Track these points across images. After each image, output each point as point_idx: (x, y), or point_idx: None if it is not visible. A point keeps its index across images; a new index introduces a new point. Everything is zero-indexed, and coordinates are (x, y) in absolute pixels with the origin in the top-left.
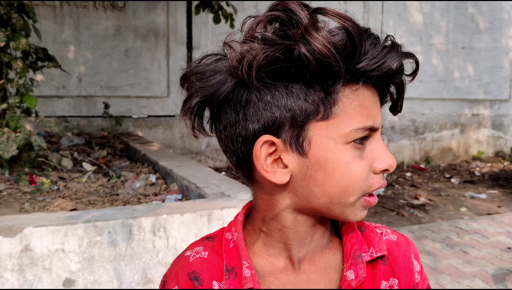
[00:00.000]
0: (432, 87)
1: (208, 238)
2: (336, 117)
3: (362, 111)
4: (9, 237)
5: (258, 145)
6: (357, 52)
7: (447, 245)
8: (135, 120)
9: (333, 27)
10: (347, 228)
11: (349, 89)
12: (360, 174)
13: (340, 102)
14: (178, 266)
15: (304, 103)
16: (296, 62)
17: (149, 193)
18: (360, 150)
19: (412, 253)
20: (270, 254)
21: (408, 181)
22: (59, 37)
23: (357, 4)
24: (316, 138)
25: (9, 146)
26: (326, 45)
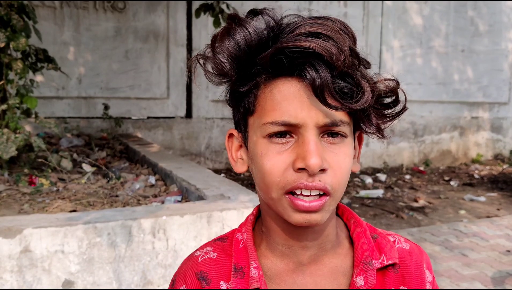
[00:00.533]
0: (431, 89)
1: (220, 239)
2: (257, 111)
3: (275, 106)
4: (9, 238)
5: (226, 137)
6: (246, 51)
7: (446, 248)
8: (134, 122)
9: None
10: (359, 234)
11: (264, 84)
12: (270, 169)
13: (259, 97)
14: (187, 266)
15: (244, 100)
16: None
17: (149, 195)
18: (281, 145)
19: (424, 263)
20: (276, 255)
21: (407, 183)
22: (59, 38)
23: (357, 7)
24: (249, 132)
25: (9, 147)
26: (217, 51)
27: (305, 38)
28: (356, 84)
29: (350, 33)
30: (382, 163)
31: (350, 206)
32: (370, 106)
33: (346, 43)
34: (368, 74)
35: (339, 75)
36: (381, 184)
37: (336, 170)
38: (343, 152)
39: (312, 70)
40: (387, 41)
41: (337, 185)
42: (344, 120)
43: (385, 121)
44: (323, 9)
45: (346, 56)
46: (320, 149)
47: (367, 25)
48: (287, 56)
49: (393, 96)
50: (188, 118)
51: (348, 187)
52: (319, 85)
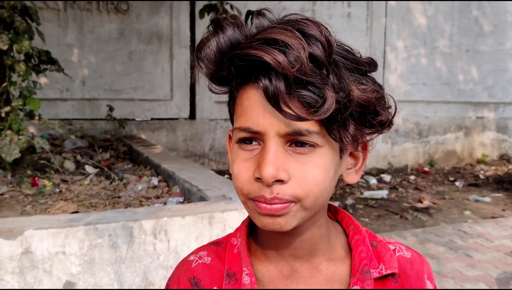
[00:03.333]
0: (436, 90)
1: (215, 243)
2: (234, 116)
3: (243, 111)
4: (10, 239)
5: (227, 138)
6: (214, 57)
7: (450, 249)
8: (138, 123)
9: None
10: (357, 241)
11: (236, 90)
12: (237, 175)
13: (235, 102)
14: (180, 270)
15: (229, 105)
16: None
17: (151, 196)
18: (249, 151)
19: (425, 273)
20: (270, 261)
21: (412, 184)
22: (63, 40)
23: (361, 7)
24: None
25: (12, 149)
26: (199, 56)
27: (256, 46)
28: (319, 92)
29: (324, 37)
30: (387, 163)
31: (354, 207)
32: (345, 116)
33: (305, 50)
34: (349, 80)
35: (301, 83)
36: (385, 185)
37: (300, 180)
38: (312, 162)
39: (265, 78)
40: (391, 42)
41: (303, 194)
42: (312, 129)
43: (367, 133)
44: (327, 9)
45: (303, 64)
46: (280, 159)
47: (371, 25)
48: (243, 64)
49: (371, 107)
50: (192, 119)
51: (353, 188)
52: (272, 94)
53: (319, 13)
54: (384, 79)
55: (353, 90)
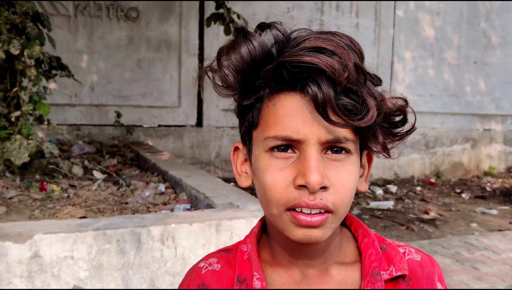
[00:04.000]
0: (443, 101)
1: (225, 250)
2: (260, 125)
3: (277, 120)
4: (19, 243)
5: (232, 150)
6: (249, 66)
7: (457, 261)
8: (145, 130)
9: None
10: (367, 244)
11: (268, 99)
12: (271, 185)
13: (263, 111)
14: (191, 277)
15: (249, 113)
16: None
17: (158, 202)
18: (283, 159)
19: (436, 275)
20: (281, 267)
21: (418, 195)
22: (72, 46)
23: (369, 18)
24: (253, 145)
25: (21, 153)
26: (223, 64)
27: (307, 53)
28: (361, 101)
29: (357, 49)
30: (393, 174)
31: (360, 217)
32: (376, 124)
33: (351, 59)
34: (376, 91)
35: (343, 92)
36: (391, 196)
37: (338, 188)
38: (346, 170)
39: (314, 85)
40: (398, 52)
41: (340, 203)
42: (349, 137)
43: (392, 140)
44: (335, 19)
45: (350, 72)
46: (321, 166)
47: (378, 36)
48: (290, 71)
49: (401, 115)
50: (199, 126)
51: (358, 198)
52: (321, 101)
53: (327, 23)
54: (391, 90)
55: (385, 100)
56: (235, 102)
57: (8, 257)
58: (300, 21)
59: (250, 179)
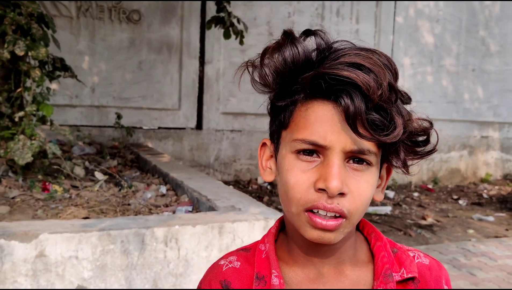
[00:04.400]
0: (441, 108)
1: (243, 249)
2: (290, 127)
3: (307, 125)
4: (25, 242)
5: (259, 146)
6: (290, 71)
7: (454, 267)
8: (145, 131)
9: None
10: (379, 247)
11: (301, 103)
12: (294, 184)
13: (295, 114)
14: (212, 274)
15: (281, 113)
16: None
17: (160, 204)
18: (307, 163)
19: (443, 279)
20: (298, 265)
21: (416, 201)
22: (74, 47)
23: (369, 24)
24: (281, 144)
25: (25, 153)
26: (264, 63)
27: (346, 68)
28: (389, 118)
29: (393, 68)
30: (391, 180)
31: None
32: (400, 141)
33: (386, 78)
34: (405, 110)
35: (374, 107)
36: (389, 201)
37: (355, 196)
38: (365, 180)
39: (347, 98)
40: (398, 59)
41: (355, 210)
42: (372, 150)
43: (413, 158)
44: (335, 25)
45: (383, 90)
46: (342, 173)
47: (378, 42)
48: (327, 82)
49: (424, 136)
50: (199, 129)
51: None
52: (352, 113)
53: (327, 29)
54: None
55: (412, 119)
56: (269, 100)
57: (13, 256)
58: (301, 26)
59: (274, 175)
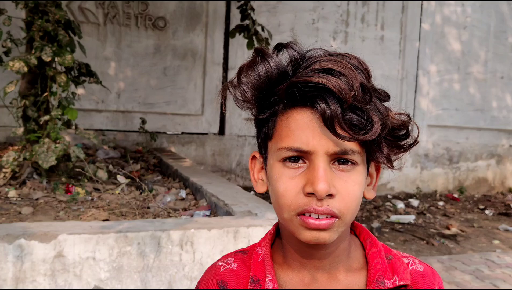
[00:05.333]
0: (468, 116)
1: (241, 251)
2: (274, 137)
3: (289, 133)
4: (44, 242)
5: (249, 159)
6: (265, 83)
7: (477, 278)
8: (169, 136)
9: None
10: (374, 254)
11: (282, 113)
12: (283, 192)
13: (277, 124)
14: (209, 274)
15: (265, 125)
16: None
17: (179, 208)
18: (294, 169)
19: (436, 285)
20: (292, 270)
21: (440, 210)
22: (101, 53)
23: (394, 31)
24: (268, 155)
25: (49, 156)
26: (242, 81)
27: (317, 74)
28: (367, 117)
29: (365, 69)
30: (415, 188)
31: (380, 231)
32: (381, 138)
33: (357, 79)
34: (383, 106)
35: (350, 108)
36: (413, 210)
37: (344, 196)
38: (352, 179)
39: (323, 102)
40: (423, 66)
41: (346, 210)
42: (355, 149)
43: (396, 153)
44: (360, 31)
45: (356, 91)
46: (328, 175)
47: (403, 49)
48: (301, 90)
49: (404, 130)
50: (221, 135)
51: (379, 211)
52: (329, 117)
53: (351, 36)
54: (416, 103)
55: (390, 115)
56: (252, 115)
57: (33, 255)
58: (325, 33)
59: (266, 186)
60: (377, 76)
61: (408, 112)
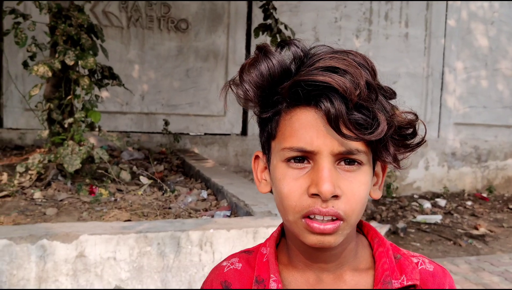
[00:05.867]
0: (497, 113)
1: (246, 252)
2: (277, 137)
3: (293, 132)
4: (66, 243)
5: (252, 159)
6: (268, 82)
7: (506, 279)
8: (192, 137)
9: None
10: (381, 253)
11: (285, 112)
12: (287, 193)
13: (280, 123)
14: (214, 274)
15: (268, 125)
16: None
17: (200, 209)
18: (298, 170)
19: (447, 285)
20: (297, 270)
21: (469, 210)
22: (125, 56)
23: (419, 28)
24: (271, 155)
25: (73, 159)
26: (244, 80)
27: (321, 73)
28: (372, 116)
29: (370, 66)
30: (442, 187)
31: (406, 231)
32: (387, 137)
33: (362, 77)
34: (389, 105)
35: (355, 107)
36: (440, 210)
37: (349, 197)
38: (358, 180)
39: (327, 101)
40: (449, 63)
41: (351, 211)
42: (360, 149)
43: (404, 152)
44: (384, 29)
45: (361, 89)
46: (333, 176)
47: (429, 46)
48: (305, 88)
49: (411, 128)
50: (243, 135)
51: (405, 211)
52: (334, 116)
53: (375, 34)
54: (442, 101)
55: (396, 114)
56: (255, 114)
57: (55, 255)
58: (348, 31)
59: (269, 186)
60: (402, 74)
61: (435, 110)
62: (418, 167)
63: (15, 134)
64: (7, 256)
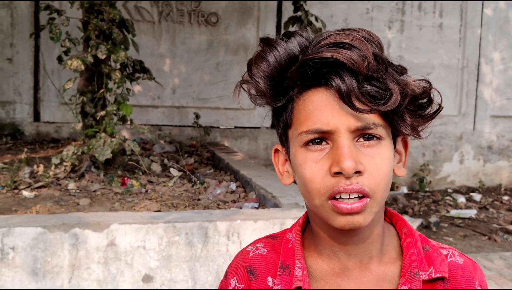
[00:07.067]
0: None
1: (271, 237)
2: (293, 124)
3: (308, 115)
4: (97, 231)
5: (272, 153)
6: (276, 69)
7: None
8: (222, 131)
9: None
10: (409, 244)
11: (297, 97)
12: (310, 176)
13: (294, 110)
14: (238, 259)
15: (282, 115)
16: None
17: (228, 200)
18: (318, 151)
19: (476, 280)
20: (322, 258)
21: (505, 205)
22: (156, 51)
23: (454, 18)
24: (290, 144)
25: (105, 150)
26: (253, 73)
27: (327, 49)
28: (384, 87)
29: (376, 40)
30: (478, 181)
31: (438, 225)
32: (403, 107)
33: (369, 49)
34: (399, 76)
35: (366, 80)
36: (474, 204)
37: (373, 172)
38: (379, 155)
39: (337, 78)
40: (486, 54)
41: (376, 187)
42: (377, 122)
43: (422, 122)
44: (417, 20)
45: (369, 61)
46: (354, 152)
47: (464, 36)
48: (313, 67)
49: (426, 97)
50: (273, 128)
51: (438, 206)
52: (345, 91)
53: (408, 24)
54: (478, 93)
55: (409, 83)
56: (270, 107)
57: (87, 244)
58: (380, 22)
59: (292, 177)
60: (436, 65)
61: (470, 102)
62: (453, 161)
63: (52, 128)
64: (41, 244)
